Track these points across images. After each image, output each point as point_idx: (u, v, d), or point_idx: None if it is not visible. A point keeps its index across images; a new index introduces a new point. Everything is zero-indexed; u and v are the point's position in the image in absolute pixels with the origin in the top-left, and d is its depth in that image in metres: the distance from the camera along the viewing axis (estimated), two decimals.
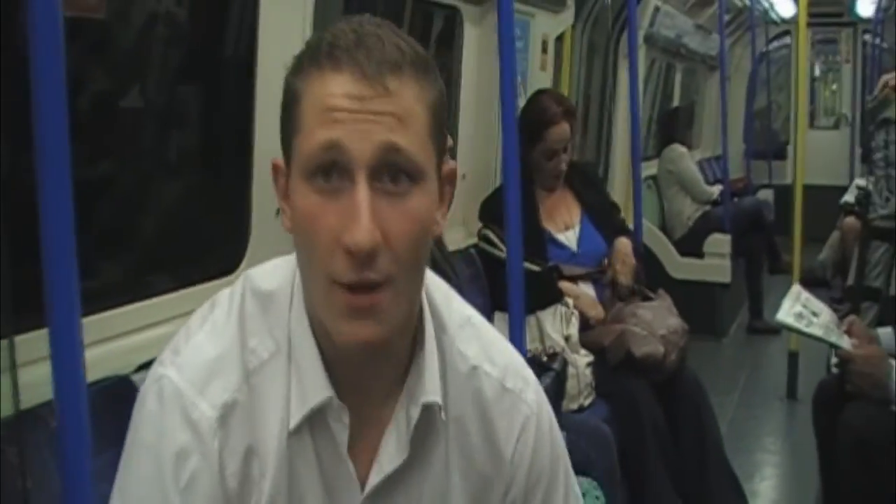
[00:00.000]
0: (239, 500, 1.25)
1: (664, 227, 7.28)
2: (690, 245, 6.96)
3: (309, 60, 1.20)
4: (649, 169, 7.18)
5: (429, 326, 1.32)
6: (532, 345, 3.30)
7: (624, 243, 3.84)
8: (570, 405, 3.33)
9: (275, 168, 1.27)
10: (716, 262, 6.91)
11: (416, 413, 1.28)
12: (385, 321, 1.19)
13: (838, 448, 3.25)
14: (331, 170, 1.16)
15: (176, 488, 1.21)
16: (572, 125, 3.81)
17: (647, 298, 3.79)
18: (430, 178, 1.21)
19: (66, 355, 1.47)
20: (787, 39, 12.02)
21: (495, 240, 3.65)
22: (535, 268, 3.45)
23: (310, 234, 1.17)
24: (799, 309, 3.39)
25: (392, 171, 1.16)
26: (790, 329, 3.47)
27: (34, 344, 1.80)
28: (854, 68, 11.71)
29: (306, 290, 1.25)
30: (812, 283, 6.54)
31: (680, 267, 6.84)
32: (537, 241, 3.65)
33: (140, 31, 2.64)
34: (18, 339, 1.74)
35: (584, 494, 2.70)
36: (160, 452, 1.21)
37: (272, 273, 1.31)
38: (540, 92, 4.16)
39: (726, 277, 6.94)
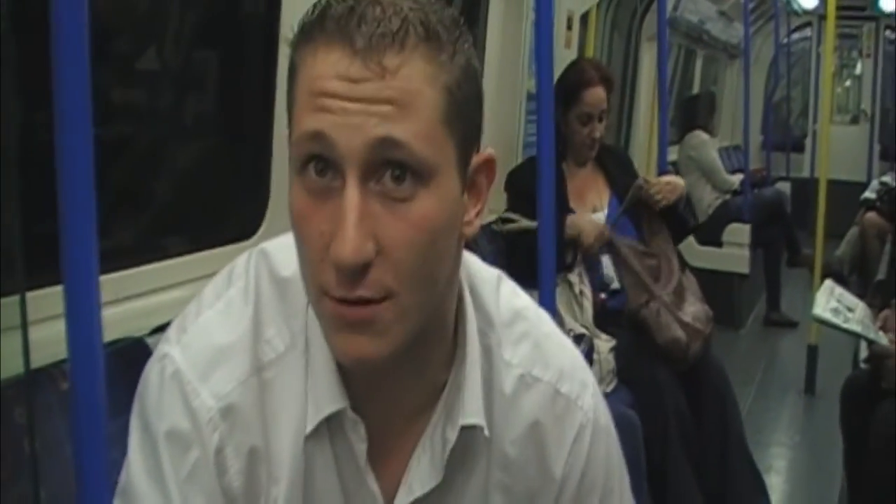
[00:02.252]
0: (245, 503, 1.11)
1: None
2: (709, 233, 6.85)
3: (302, 31, 1.00)
4: (669, 155, 7.06)
5: (471, 330, 1.15)
6: None
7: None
8: None
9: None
10: (735, 252, 6.83)
11: (453, 436, 1.12)
12: (385, 337, 1.00)
13: (870, 445, 3.16)
14: (324, 164, 0.97)
15: (175, 478, 1.07)
16: (609, 93, 3.70)
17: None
18: (446, 174, 1.00)
19: (83, 314, 1.37)
20: (807, 31, 11.92)
21: (515, 216, 3.56)
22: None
23: (301, 236, 1.00)
24: (834, 304, 3.30)
25: (393, 168, 0.96)
26: (827, 324, 3.36)
27: (42, 301, 1.72)
28: (875, 63, 11.59)
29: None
30: (829, 277, 6.44)
31: (698, 255, 6.71)
32: (562, 220, 3.54)
33: None
34: (29, 295, 1.64)
35: None
36: (158, 438, 1.08)
37: (291, 255, 1.07)
38: (576, 59, 4.10)
39: (745, 268, 6.86)
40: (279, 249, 1.15)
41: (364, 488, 1.14)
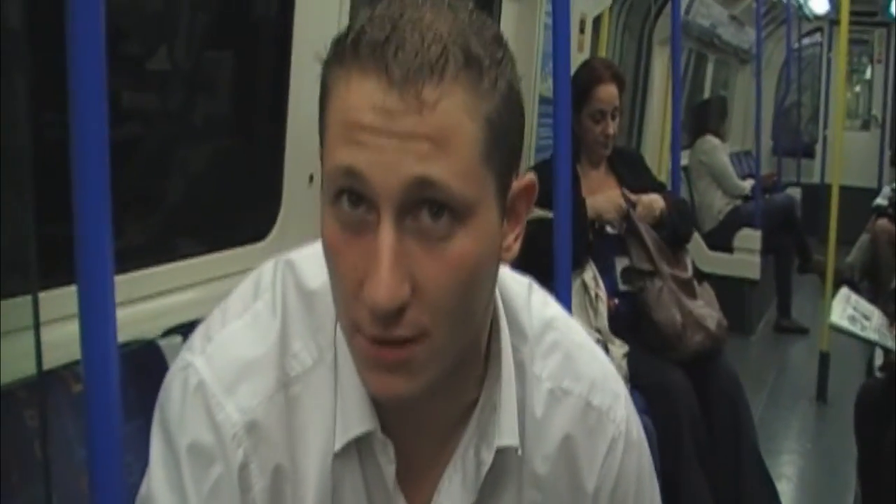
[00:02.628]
0: None
1: (693, 220, 7.14)
2: (720, 239, 6.84)
3: (335, 54, 0.94)
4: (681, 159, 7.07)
5: (506, 347, 1.10)
6: None
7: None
8: None
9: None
10: (745, 258, 6.80)
11: (489, 458, 1.08)
12: (420, 376, 0.97)
13: (884, 453, 3.13)
14: (357, 197, 0.92)
15: (197, 494, 1.02)
16: (621, 90, 3.68)
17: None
18: (485, 208, 0.95)
19: (97, 315, 1.35)
20: (818, 37, 11.90)
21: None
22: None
23: (334, 269, 0.96)
24: (851, 312, 3.29)
25: (430, 205, 0.91)
26: (844, 332, 3.33)
27: (54, 302, 1.70)
28: (886, 69, 11.56)
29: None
30: (840, 284, 6.42)
31: (709, 261, 6.70)
32: (579, 219, 3.53)
33: None
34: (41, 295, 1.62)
35: None
36: (181, 451, 1.03)
37: (318, 266, 1.03)
38: (588, 59, 4.10)
39: (755, 274, 6.83)
40: (305, 260, 1.11)
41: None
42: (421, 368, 0.96)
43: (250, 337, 1.07)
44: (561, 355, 1.16)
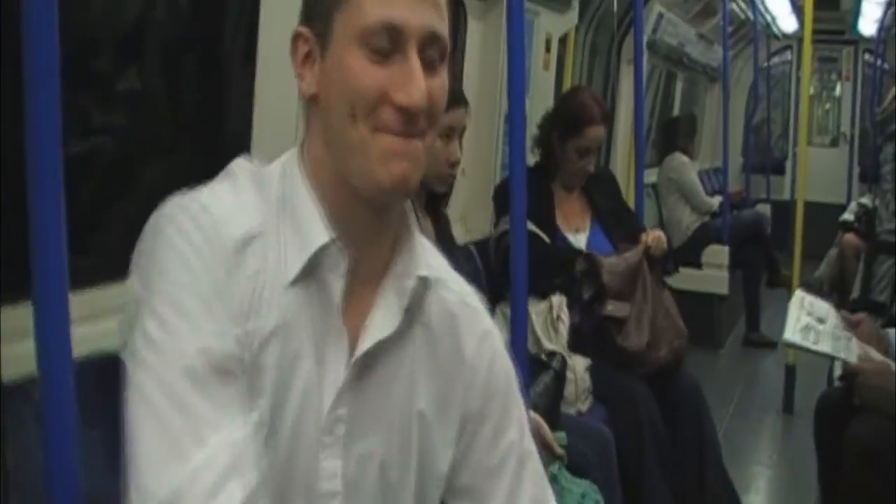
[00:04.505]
0: (244, 337, 1.27)
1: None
2: (688, 255, 6.90)
3: None
4: (648, 177, 7.13)
5: (412, 217, 1.44)
6: None
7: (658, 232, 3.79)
8: (569, 410, 3.24)
9: (298, 36, 1.35)
10: (714, 273, 6.89)
11: (411, 284, 1.38)
12: (417, 167, 1.32)
13: (844, 461, 3.18)
14: (389, 37, 1.28)
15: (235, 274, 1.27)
16: (606, 129, 3.78)
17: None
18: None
19: (52, 329, 1.40)
20: (787, 55, 12.04)
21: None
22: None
23: (355, 89, 1.28)
24: (805, 320, 3.29)
25: (431, 47, 1.31)
26: (797, 348, 3.37)
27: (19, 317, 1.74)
28: (854, 86, 11.71)
29: (335, 143, 1.33)
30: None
31: (677, 276, 6.73)
32: (550, 238, 3.63)
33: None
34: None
35: (583, 496, 2.65)
36: (188, 249, 1.26)
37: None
38: (578, 88, 4.29)
39: (724, 289, 6.93)
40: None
41: (334, 334, 1.34)
42: (419, 161, 1.32)
43: (231, 193, 1.33)
44: (441, 263, 1.49)
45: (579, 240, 3.77)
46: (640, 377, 3.50)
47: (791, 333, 3.23)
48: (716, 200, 7.37)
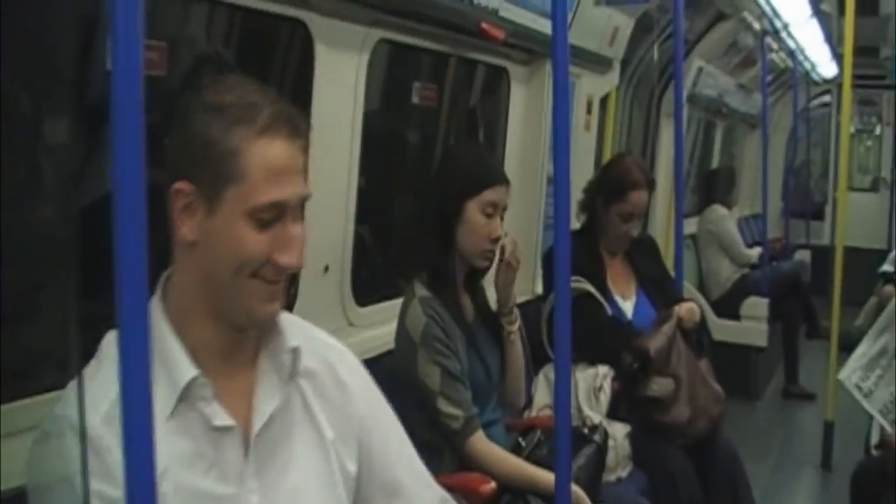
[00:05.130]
0: None
1: (701, 287, 7.26)
2: (727, 307, 6.96)
3: (242, 122, 1.49)
4: (688, 228, 7.16)
5: None
6: None
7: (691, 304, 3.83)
8: (608, 477, 3.29)
9: (178, 192, 1.50)
10: (753, 326, 6.92)
11: (287, 359, 1.64)
12: (281, 300, 1.58)
13: None
14: (276, 210, 1.50)
15: None
16: (650, 195, 3.86)
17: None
18: None
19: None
20: (827, 98, 12.03)
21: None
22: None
23: (245, 254, 1.49)
24: (860, 375, 3.35)
25: (302, 207, 1.55)
26: (847, 387, 3.41)
27: None
28: (895, 130, 11.67)
29: (212, 285, 1.53)
30: (849, 346, 6.47)
31: (717, 328, 6.82)
32: (603, 299, 3.70)
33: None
34: None
35: None
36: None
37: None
38: (623, 154, 4.35)
39: (763, 341, 6.94)
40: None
41: (221, 430, 1.54)
42: (282, 296, 1.57)
43: (89, 379, 1.46)
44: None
45: (626, 307, 3.84)
46: (679, 446, 3.54)
47: (847, 376, 3.28)
48: (755, 252, 7.40)
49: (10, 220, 2.13)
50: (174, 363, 1.51)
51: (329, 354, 1.76)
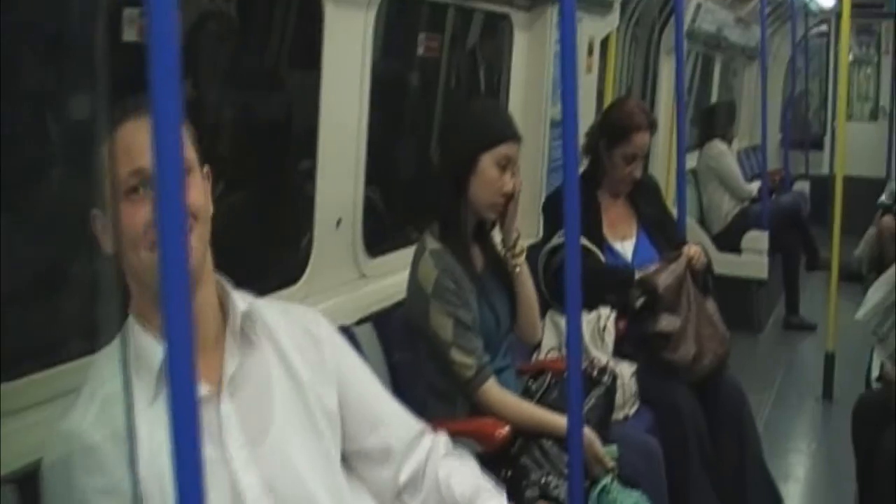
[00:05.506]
0: None
1: (702, 222, 7.32)
2: (728, 240, 7.01)
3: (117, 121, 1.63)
4: (688, 163, 7.17)
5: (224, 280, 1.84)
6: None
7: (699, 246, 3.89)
8: (616, 415, 3.37)
9: (95, 217, 1.72)
10: (753, 259, 6.97)
11: (237, 322, 1.78)
12: (194, 257, 1.65)
13: (876, 464, 3.30)
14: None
15: None
16: (652, 136, 3.91)
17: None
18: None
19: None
20: (824, 27, 11.98)
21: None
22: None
23: (129, 225, 1.64)
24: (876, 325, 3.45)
25: None
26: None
27: None
28: (894, 60, 11.62)
29: (130, 272, 1.70)
30: (848, 277, 6.59)
31: (717, 262, 6.81)
32: (597, 246, 3.76)
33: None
34: None
35: None
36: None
37: None
38: (625, 97, 4.49)
39: (763, 273, 7.01)
40: None
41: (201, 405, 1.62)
42: (196, 251, 1.65)
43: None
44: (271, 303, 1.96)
45: (626, 247, 3.91)
46: (686, 384, 3.64)
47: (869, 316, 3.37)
48: (754, 187, 7.46)
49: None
50: (146, 351, 1.69)
51: (295, 312, 1.95)
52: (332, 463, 1.86)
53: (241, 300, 1.81)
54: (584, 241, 3.68)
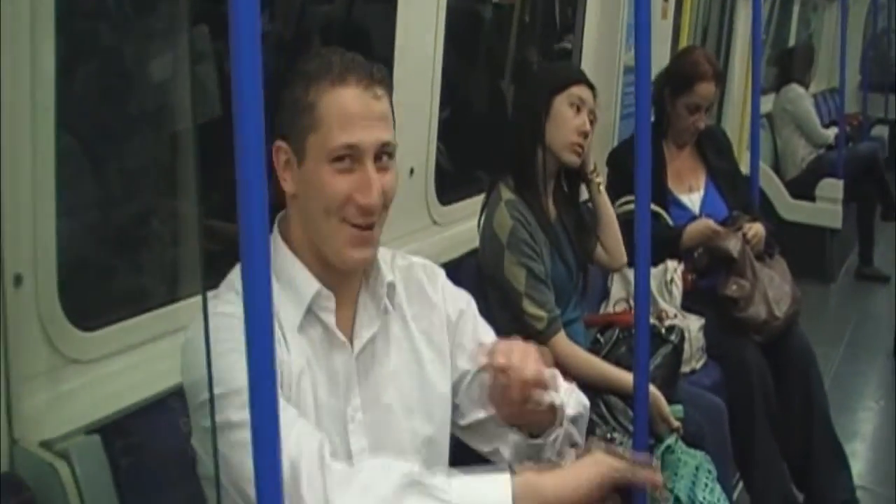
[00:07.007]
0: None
1: (776, 167, 7.20)
2: (802, 187, 6.89)
3: (319, 79, 1.68)
4: (764, 105, 7.04)
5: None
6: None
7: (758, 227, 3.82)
8: (683, 368, 3.35)
9: (278, 148, 1.73)
10: (827, 207, 6.84)
11: (383, 291, 1.85)
12: (374, 250, 1.77)
13: None
14: (350, 154, 1.67)
15: None
16: (718, 87, 3.86)
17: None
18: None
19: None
20: None
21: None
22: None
23: (328, 195, 1.68)
24: None
25: (383, 153, 1.69)
26: None
27: None
28: None
29: (312, 230, 1.74)
30: None
31: (791, 209, 6.79)
32: (661, 200, 3.72)
33: None
34: None
35: (697, 468, 2.77)
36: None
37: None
38: (692, 46, 4.37)
39: (837, 223, 6.87)
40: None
41: (335, 342, 1.79)
42: (375, 244, 1.76)
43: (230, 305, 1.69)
44: (392, 251, 1.97)
45: (693, 200, 3.87)
46: (754, 341, 3.60)
47: None
48: (831, 133, 7.28)
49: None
50: (299, 281, 1.77)
51: (418, 272, 1.98)
52: (435, 447, 1.92)
53: (388, 268, 1.88)
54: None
